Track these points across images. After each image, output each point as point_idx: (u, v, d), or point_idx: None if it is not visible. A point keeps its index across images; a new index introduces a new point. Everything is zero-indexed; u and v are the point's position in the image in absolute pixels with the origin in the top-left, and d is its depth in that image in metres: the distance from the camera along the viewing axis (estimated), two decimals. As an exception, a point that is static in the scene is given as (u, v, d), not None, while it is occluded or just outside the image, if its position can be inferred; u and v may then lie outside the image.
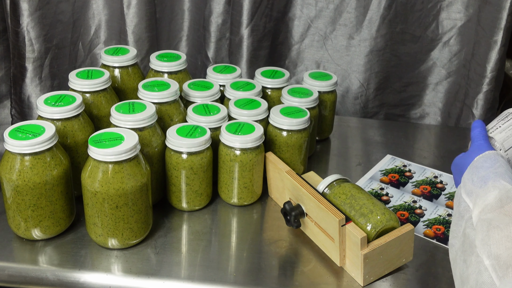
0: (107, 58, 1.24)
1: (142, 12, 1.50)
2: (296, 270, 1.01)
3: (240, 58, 1.56)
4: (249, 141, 1.09)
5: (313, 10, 1.58)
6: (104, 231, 0.99)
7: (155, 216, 1.09)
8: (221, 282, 0.97)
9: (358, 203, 1.03)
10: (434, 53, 1.60)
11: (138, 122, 1.05)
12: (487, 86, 1.51)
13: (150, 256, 1.02)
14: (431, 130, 1.59)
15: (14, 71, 1.51)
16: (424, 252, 1.06)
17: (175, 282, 0.97)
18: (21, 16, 1.43)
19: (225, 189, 1.15)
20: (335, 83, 1.37)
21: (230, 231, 1.11)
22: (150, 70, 1.29)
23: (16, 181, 0.96)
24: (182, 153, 1.07)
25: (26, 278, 0.98)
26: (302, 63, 1.65)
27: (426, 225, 1.14)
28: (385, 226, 0.99)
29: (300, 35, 1.61)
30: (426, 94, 1.66)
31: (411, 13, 1.55)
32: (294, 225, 1.06)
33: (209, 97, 1.22)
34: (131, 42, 1.53)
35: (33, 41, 1.46)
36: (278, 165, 1.13)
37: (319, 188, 1.08)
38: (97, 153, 0.94)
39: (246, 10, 1.49)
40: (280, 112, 1.19)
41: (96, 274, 0.98)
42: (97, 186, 0.95)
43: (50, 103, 1.06)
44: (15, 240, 1.03)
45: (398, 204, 1.20)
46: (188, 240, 1.07)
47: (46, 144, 0.96)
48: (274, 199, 1.19)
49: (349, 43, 1.59)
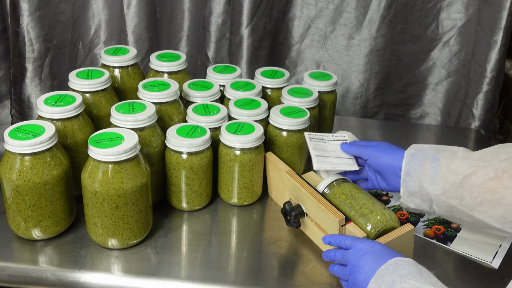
0: (107, 58, 1.24)
1: (142, 12, 1.50)
2: (296, 270, 1.01)
3: (240, 58, 1.56)
4: (249, 141, 1.09)
5: (313, 10, 1.58)
6: (104, 231, 0.99)
7: (155, 216, 1.09)
8: (221, 282, 0.97)
9: (358, 203, 1.03)
10: (434, 53, 1.60)
11: (138, 122, 1.05)
12: (487, 86, 1.51)
13: (150, 256, 1.01)
14: (431, 130, 1.59)
15: (14, 71, 1.51)
16: (424, 252, 1.06)
17: (175, 282, 0.97)
18: (21, 16, 1.43)
19: (225, 189, 1.15)
20: (335, 83, 1.37)
21: (230, 231, 1.11)
22: (150, 70, 1.29)
23: (16, 181, 0.96)
24: (182, 153, 1.07)
25: (26, 278, 0.98)
26: (302, 63, 1.65)
27: (426, 225, 1.14)
28: (385, 226, 0.99)
29: (300, 35, 1.61)
30: (426, 94, 1.66)
31: (411, 13, 1.55)
32: (294, 225, 1.06)
33: (209, 97, 1.22)
34: (131, 42, 1.53)
35: (33, 41, 1.46)
36: (278, 165, 1.13)
37: (319, 188, 1.08)
38: (97, 153, 0.94)
39: (246, 10, 1.49)
40: (280, 112, 1.19)
41: (96, 274, 0.98)
42: (97, 186, 0.95)
43: (50, 103, 1.06)
44: (15, 240, 1.03)
45: (398, 204, 1.20)
46: (188, 240, 1.07)
47: (46, 144, 0.96)
48: (274, 199, 1.19)
49: (349, 43, 1.59)
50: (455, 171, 0.94)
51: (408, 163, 1.00)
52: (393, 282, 0.80)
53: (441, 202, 0.96)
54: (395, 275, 0.81)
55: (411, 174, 0.99)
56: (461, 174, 0.93)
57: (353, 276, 0.87)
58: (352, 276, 0.88)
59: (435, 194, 0.96)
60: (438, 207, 0.97)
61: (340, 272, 0.91)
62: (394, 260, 0.84)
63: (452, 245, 1.08)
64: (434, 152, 0.99)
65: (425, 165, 0.97)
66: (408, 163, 1.00)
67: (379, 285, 0.82)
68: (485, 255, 1.05)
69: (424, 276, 0.81)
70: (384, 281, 0.81)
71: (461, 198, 0.93)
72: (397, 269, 0.82)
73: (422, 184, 0.97)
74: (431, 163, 0.97)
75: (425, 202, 0.99)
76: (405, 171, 1.00)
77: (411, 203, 1.01)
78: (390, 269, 0.83)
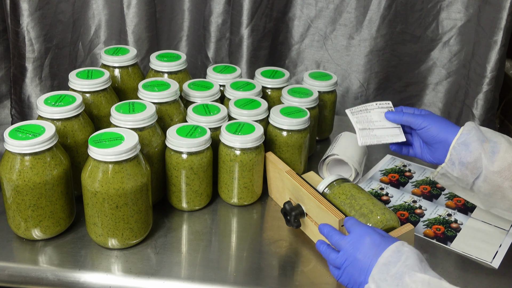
0: (107, 58, 1.24)
1: (142, 12, 1.50)
2: (296, 270, 1.01)
3: (240, 58, 1.56)
4: (249, 141, 1.09)
5: (313, 10, 1.58)
6: (104, 231, 0.99)
7: (155, 216, 1.09)
8: (221, 282, 0.97)
9: (358, 203, 1.03)
10: (434, 53, 1.60)
11: (138, 122, 1.05)
12: (487, 86, 1.51)
13: (150, 256, 1.01)
14: (431, 130, 1.59)
15: (14, 71, 1.51)
16: (424, 252, 1.06)
17: (175, 282, 0.97)
18: (21, 16, 1.43)
19: (225, 189, 1.15)
20: (335, 83, 1.37)
21: (230, 231, 1.11)
22: (150, 70, 1.29)
23: (16, 181, 0.96)
24: (182, 153, 1.07)
25: (26, 278, 0.98)
26: (302, 63, 1.65)
27: (426, 225, 1.14)
28: (385, 226, 0.99)
29: (300, 35, 1.61)
30: (426, 94, 1.66)
31: (411, 13, 1.55)
32: (294, 225, 1.06)
33: (209, 97, 1.22)
34: (131, 42, 1.53)
35: (33, 41, 1.46)
36: (278, 165, 1.13)
37: (319, 188, 1.08)
38: (97, 153, 0.94)
39: (246, 10, 1.49)
40: (280, 112, 1.19)
41: (96, 274, 0.98)
42: (97, 186, 0.95)
43: (50, 103, 1.06)
44: (15, 240, 1.03)
45: (398, 204, 1.20)
46: (188, 240, 1.07)
47: (46, 144, 0.96)
48: (274, 199, 1.19)
49: (349, 43, 1.59)
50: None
51: (466, 134, 0.98)
52: (399, 274, 0.80)
53: (492, 179, 0.96)
54: (399, 265, 0.81)
55: (469, 145, 0.98)
56: None
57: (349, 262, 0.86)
58: (348, 262, 0.86)
59: (490, 170, 0.96)
60: (484, 183, 0.97)
61: (331, 256, 0.90)
62: (395, 245, 0.84)
63: (452, 245, 1.08)
64: (491, 134, 0.99)
65: (484, 143, 0.97)
66: (467, 134, 0.98)
67: (385, 277, 0.81)
68: (485, 255, 1.05)
69: (426, 266, 0.82)
70: (390, 273, 0.81)
71: None
72: (400, 258, 0.82)
73: (481, 156, 0.97)
74: (490, 143, 0.97)
75: (473, 174, 0.98)
76: (460, 139, 0.98)
77: (456, 171, 0.99)
78: (394, 257, 0.82)
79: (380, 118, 1.07)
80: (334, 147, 1.25)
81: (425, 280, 0.78)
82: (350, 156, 1.21)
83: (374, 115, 1.07)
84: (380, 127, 1.06)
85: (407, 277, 0.79)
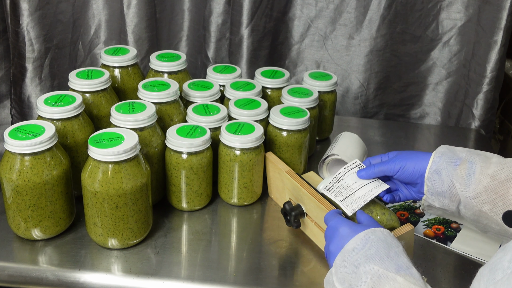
0: (107, 58, 1.24)
1: (142, 12, 1.50)
2: (296, 270, 1.01)
3: (240, 58, 1.56)
4: (249, 141, 1.09)
5: (313, 10, 1.58)
6: (104, 231, 0.99)
7: (155, 216, 1.09)
8: (221, 282, 0.97)
9: (358, 203, 1.03)
10: (434, 53, 1.60)
11: (138, 122, 1.05)
12: (487, 86, 1.51)
13: (150, 256, 1.02)
14: (431, 130, 1.59)
15: (14, 71, 1.51)
16: (424, 252, 1.06)
17: (175, 282, 0.97)
18: (21, 16, 1.43)
19: (225, 189, 1.15)
20: (335, 83, 1.37)
21: (230, 231, 1.11)
22: (150, 70, 1.29)
23: (16, 181, 0.96)
24: (182, 153, 1.07)
25: (26, 278, 0.98)
26: (302, 63, 1.65)
27: (426, 225, 1.14)
28: (385, 226, 0.99)
29: (300, 35, 1.61)
30: (426, 94, 1.66)
31: (411, 13, 1.55)
32: (294, 225, 1.06)
33: (209, 97, 1.22)
34: (131, 42, 1.53)
35: (33, 41, 1.46)
36: (278, 165, 1.13)
37: (319, 188, 1.08)
38: (97, 153, 0.94)
39: (246, 10, 1.49)
40: (280, 112, 1.19)
41: (96, 274, 0.98)
42: (97, 186, 0.95)
43: (50, 103, 1.06)
44: (15, 240, 1.03)
45: (398, 204, 1.20)
46: (188, 240, 1.07)
47: (46, 144, 0.96)
48: (274, 199, 1.19)
49: (349, 43, 1.59)
50: (492, 175, 0.90)
51: (437, 161, 0.95)
52: (357, 263, 0.79)
53: (471, 205, 0.92)
54: (360, 254, 0.79)
55: (440, 173, 0.94)
56: (497, 179, 0.89)
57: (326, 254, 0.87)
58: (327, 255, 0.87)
59: (465, 196, 0.92)
60: (466, 209, 0.93)
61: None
62: (364, 233, 0.82)
63: (452, 245, 1.08)
64: (467, 154, 0.95)
65: (459, 166, 0.93)
66: (438, 161, 0.95)
67: (344, 264, 0.80)
68: (485, 255, 1.05)
69: (391, 255, 0.79)
70: (350, 260, 0.80)
71: (494, 204, 0.89)
72: (364, 247, 0.80)
73: (453, 184, 0.93)
74: (465, 164, 0.93)
75: (452, 202, 0.94)
76: (432, 169, 0.95)
77: (437, 202, 0.96)
78: (359, 244, 0.81)
79: (355, 179, 1.04)
80: (334, 147, 1.25)
81: (376, 273, 0.76)
82: (350, 156, 1.21)
83: (347, 180, 1.04)
84: (359, 187, 1.02)
85: (361, 267, 0.78)
